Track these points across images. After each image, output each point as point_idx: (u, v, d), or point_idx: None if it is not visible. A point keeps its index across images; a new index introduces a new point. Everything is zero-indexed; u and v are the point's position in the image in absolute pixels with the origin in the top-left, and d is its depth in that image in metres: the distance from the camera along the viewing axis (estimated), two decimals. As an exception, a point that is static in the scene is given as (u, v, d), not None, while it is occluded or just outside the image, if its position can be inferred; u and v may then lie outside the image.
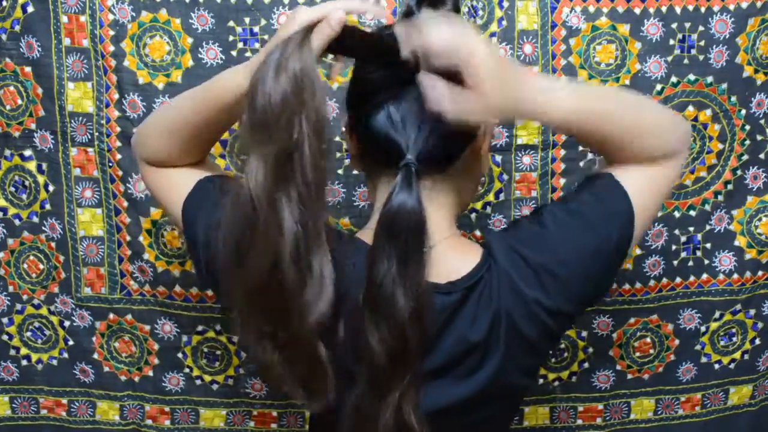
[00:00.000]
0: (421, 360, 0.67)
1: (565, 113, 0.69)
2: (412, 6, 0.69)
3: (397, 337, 0.64)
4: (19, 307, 1.23)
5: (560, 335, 0.78)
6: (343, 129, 0.78)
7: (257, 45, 1.10)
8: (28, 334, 1.24)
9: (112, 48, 1.11)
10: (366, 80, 0.71)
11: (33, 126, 1.15)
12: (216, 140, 0.85)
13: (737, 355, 1.26)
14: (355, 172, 1.14)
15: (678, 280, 1.21)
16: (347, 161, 1.13)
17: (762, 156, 1.19)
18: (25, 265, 1.21)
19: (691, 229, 1.20)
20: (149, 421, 1.25)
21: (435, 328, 0.68)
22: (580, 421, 1.26)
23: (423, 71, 0.64)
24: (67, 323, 1.22)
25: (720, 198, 1.19)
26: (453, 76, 0.62)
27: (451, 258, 0.71)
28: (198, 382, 1.24)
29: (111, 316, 1.21)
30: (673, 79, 1.13)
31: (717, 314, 1.23)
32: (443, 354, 0.70)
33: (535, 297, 0.69)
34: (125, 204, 1.16)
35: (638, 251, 1.19)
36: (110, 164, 1.15)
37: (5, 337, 1.24)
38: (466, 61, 0.61)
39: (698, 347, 1.24)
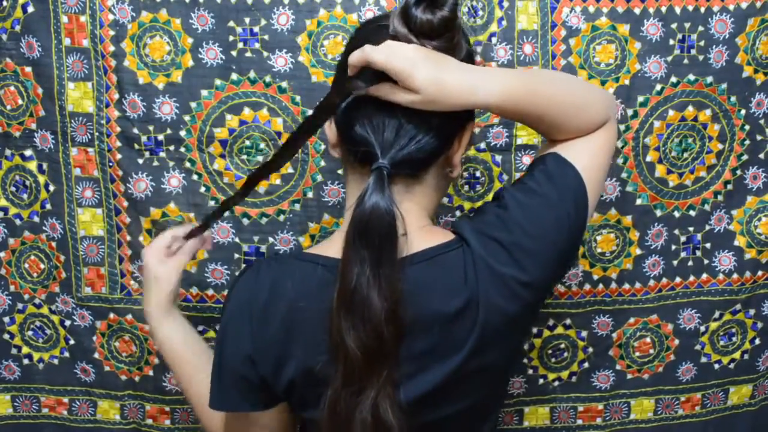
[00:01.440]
0: (397, 356, 0.70)
1: (499, 95, 0.73)
2: (411, 6, 0.71)
3: (373, 336, 0.67)
4: (20, 306, 1.23)
5: (538, 307, 0.81)
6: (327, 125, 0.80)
7: (257, 45, 1.11)
8: (30, 333, 1.24)
9: (112, 48, 1.11)
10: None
11: (33, 126, 1.15)
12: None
13: (737, 355, 1.26)
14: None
15: (678, 279, 1.21)
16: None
17: (762, 156, 1.19)
18: (26, 265, 1.21)
19: (691, 229, 1.20)
20: (150, 421, 1.26)
21: (407, 304, 0.70)
22: (580, 421, 1.26)
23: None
24: (67, 323, 1.22)
25: (720, 198, 1.19)
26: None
27: (422, 239, 0.75)
28: (198, 381, 1.24)
29: (111, 315, 1.21)
30: (673, 79, 1.13)
31: (717, 314, 1.23)
32: (418, 330, 0.72)
33: (512, 274, 0.72)
34: (125, 204, 1.16)
35: (638, 251, 1.19)
36: (110, 164, 1.15)
37: (6, 336, 1.24)
38: (399, 78, 0.69)
39: (698, 347, 1.24)
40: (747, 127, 1.17)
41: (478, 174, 1.15)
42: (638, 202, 1.18)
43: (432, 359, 0.73)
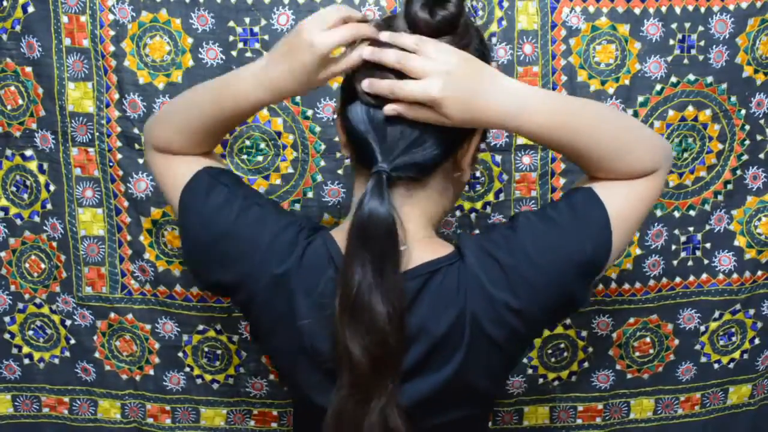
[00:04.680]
0: (400, 361, 0.68)
1: (537, 126, 0.70)
2: (415, 10, 0.68)
3: (378, 343, 0.65)
4: (20, 306, 1.23)
5: (528, 339, 0.76)
6: (334, 115, 0.79)
7: (257, 45, 1.11)
8: (30, 332, 1.24)
9: (112, 48, 1.11)
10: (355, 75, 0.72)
11: (34, 126, 1.15)
12: (224, 135, 0.86)
13: (736, 354, 1.26)
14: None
15: (678, 279, 1.21)
16: (347, 162, 1.13)
17: (762, 156, 1.19)
18: (27, 265, 1.21)
19: (691, 229, 1.20)
20: (150, 420, 1.26)
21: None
22: (579, 421, 1.26)
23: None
24: (68, 322, 1.22)
25: (720, 198, 1.19)
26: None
27: (419, 252, 0.72)
28: (199, 381, 1.25)
29: (112, 315, 1.21)
30: (673, 79, 1.13)
31: (716, 314, 1.23)
32: (409, 341, 0.70)
33: (504, 299, 0.69)
34: (126, 204, 1.17)
35: (638, 251, 1.19)
36: (111, 164, 1.15)
37: (7, 336, 1.25)
38: (434, 105, 0.66)
39: (698, 347, 1.25)
40: (747, 127, 1.17)
41: (477, 174, 1.15)
42: (638, 202, 1.18)
43: (422, 371, 0.71)
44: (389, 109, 0.68)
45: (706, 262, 1.21)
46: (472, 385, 0.73)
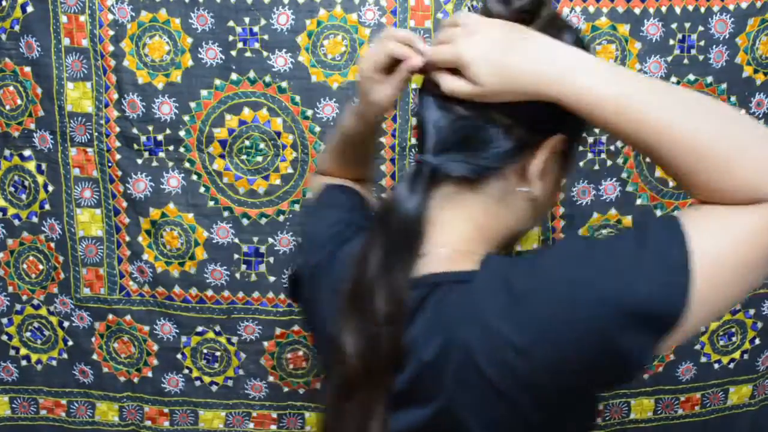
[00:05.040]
0: (392, 373, 0.59)
1: (586, 99, 0.55)
2: (491, 4, 0.65)
3: (370, 342, 0.59)
4: (18, 307, 1.22)
5: (551, 394, 0.54)
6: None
7: (257, 45, 1.10)
8: (28, 334, 1.24)
9: (111, 48, 1.11)
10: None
11: (32, 126, 1.15)
12: (355, 163, 0.88)
13: (737, 354, 1.26)
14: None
15: (678, 280, 1.21)
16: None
17: (761, 156, 1.19)
18: (25, 266, 1.21)
19: (691, 229, 1.20)
20: (148, 422, 1.25)
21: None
22: (580, 421, 1.26)
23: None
24: (66, 324, 1.22)
25: (720, 198, 1.19)
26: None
27: (439, 262, 0.61)
28: (197, 383, 1.24)
29: (110, 316, 1.20)
30: (673, 79, 1.13)
31: (717, 314, 1.23)
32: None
33: (503, 331, 0.53)
34: (124, 204, 1.16)
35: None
36: (109, 164, 1.14)
37: (5, 338, 1.24)
38: (458, 67, 0.60)
39: (698, 347, 1.24)
40: (747, 127, 1.17)
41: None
42: (638, 202, 1.18)
43: (408, 401, 0.60)
44: (434, 74, 0.63)
45: (706, 262, 1.21)
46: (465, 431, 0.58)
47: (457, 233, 0.63)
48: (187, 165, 1.14)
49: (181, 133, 1.13)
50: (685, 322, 0.50)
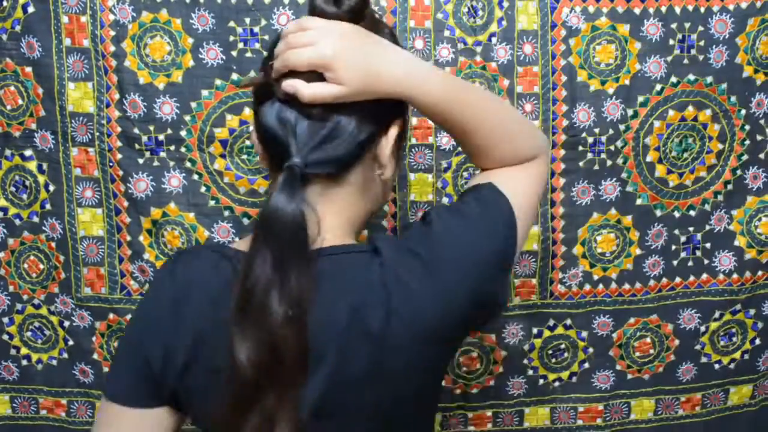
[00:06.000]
0: (299, 374, 0.63)
1: (432, 97, 0.69)
2: (319, 4, 0.68)
3: (268, 349, 0.60)
4: (19, 306, 1.23)
5: (447, 341, 0.72)
6: (251, 128, 0.77)
7: (257, 45, 1.11)
8: (28, 334, 1.24)
9: (112, 48, 1.11)
10: (261, 79, 0.71)
11: (33, 126, 1.15)
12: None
13: (737, 355, 1.26)
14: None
15: (678, 280, 1.21)
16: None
17: (762, 156, 1.19)
18: (26, 265, 1.21)
19: (691, 229, 1.20)
20: (149, 422, 1.25)
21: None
22: (580, 422, 1.26)
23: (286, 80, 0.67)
24: (66, 323, 1.22)
25: (720, 198, 1.20)
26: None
27: (331, 239, 0.69)
28: (198, 382, 1.24)
29: (111, 316, 1.21)
30: (673, 79, 1.13)
31: (717, 314, 1.23)
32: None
33: (424, 290, 0.65)
34: (125, 204, 1.16)
35: (638, 251, 1.19)
36: (111, 164, 1.15)
37: (5, 337, 1.24)
38: (321, 69, 0.65)
39: (698, 347, 1.24)
40: (747, 127, 1.17)
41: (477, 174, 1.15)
42: (638, 202, 1.18)
43: (321, 365, 0.65)
44: (287, 84, 0.66)
45: (706, 262, 1.21)
46: (390, 388, 0.68)
47: (330, 227, 0.69)
48: (188, 165, 1.14)
49: (182, 133, 1.13)
50: (516, 253, 0.72)
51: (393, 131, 0.73)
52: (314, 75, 0.66)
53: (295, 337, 0.61)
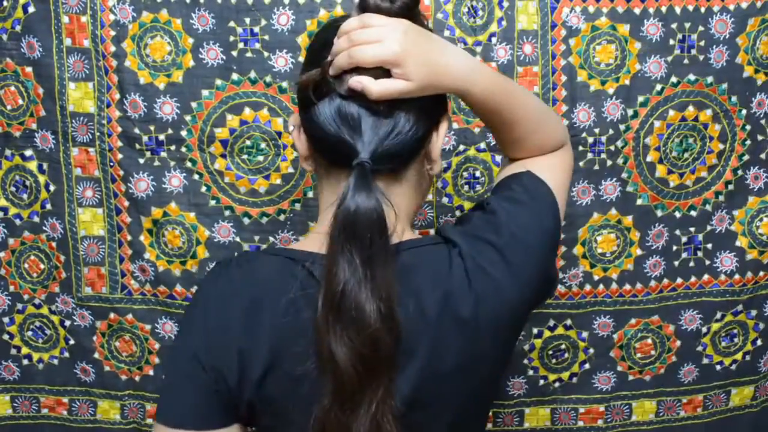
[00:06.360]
0: (395, 366, 0.64)
1: (484, 89, 0.71)
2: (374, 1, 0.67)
3: (369, 345, 0.61)
4: (20, 306, 1.23)
5: (522, 324, 0.77)
6: (291, 128, 0.76)
7: (257, 45, 1.11)
8: (29, 333, 1.24)
9: (113, 48, 1.11)
10: (318, 76, 0.69)
11: (34, 126, 1.15)
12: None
13: (739, 356, 1.25)
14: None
15: (679, 280, 1.21)
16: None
17: (763, 156, 1.19)
18: (26, 265, 1.21)
19: (692, 229, 1.20)
20: (150, 421, 1.25)
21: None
22: (581, 423, 1.26)
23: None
24: (67, 323, 1.22)
25: (721, 198, 1.19)
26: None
27: (406, 234, 0.72)
28: (198, 382, 1.24)
29: (111, 315, 1.21)
30: (673, 79, 1.13)
31: (718, 315, 1.22)
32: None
33: (503, 275, 0.68)
34: (126, 203, 1.16)
35: (639, 252, 1.19)
36: (111, 164, 1.15)
37: (6, 337, 1.24)
38: (390, 66, 0.65)
39: (699, 348, 1.24)
40: (748, 128, 1.16)
41: (477, 174, 1.15)
42: (639, 202, 1.18)
43: (413, 358, 0.67)
44: (354, 81, 0.65)
45: (707, 262, 1.21)
46: (477, 375, 0.71)
47: (394, 223, 0.67)
48: (188, 164, 1.15)
49: (183, 133, 1.13)
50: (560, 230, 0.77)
51: (443, 127, 0.74)
52: (379, 71, 0.65)
53: (389, 331, 0.62)
